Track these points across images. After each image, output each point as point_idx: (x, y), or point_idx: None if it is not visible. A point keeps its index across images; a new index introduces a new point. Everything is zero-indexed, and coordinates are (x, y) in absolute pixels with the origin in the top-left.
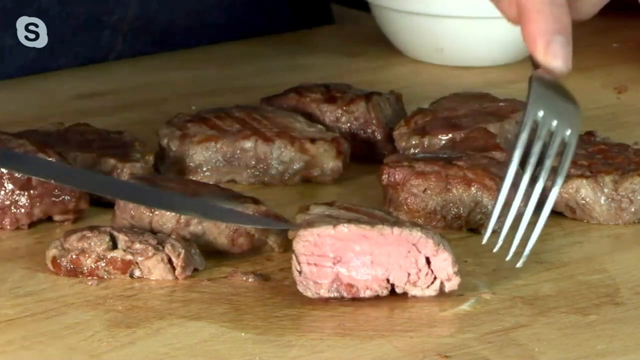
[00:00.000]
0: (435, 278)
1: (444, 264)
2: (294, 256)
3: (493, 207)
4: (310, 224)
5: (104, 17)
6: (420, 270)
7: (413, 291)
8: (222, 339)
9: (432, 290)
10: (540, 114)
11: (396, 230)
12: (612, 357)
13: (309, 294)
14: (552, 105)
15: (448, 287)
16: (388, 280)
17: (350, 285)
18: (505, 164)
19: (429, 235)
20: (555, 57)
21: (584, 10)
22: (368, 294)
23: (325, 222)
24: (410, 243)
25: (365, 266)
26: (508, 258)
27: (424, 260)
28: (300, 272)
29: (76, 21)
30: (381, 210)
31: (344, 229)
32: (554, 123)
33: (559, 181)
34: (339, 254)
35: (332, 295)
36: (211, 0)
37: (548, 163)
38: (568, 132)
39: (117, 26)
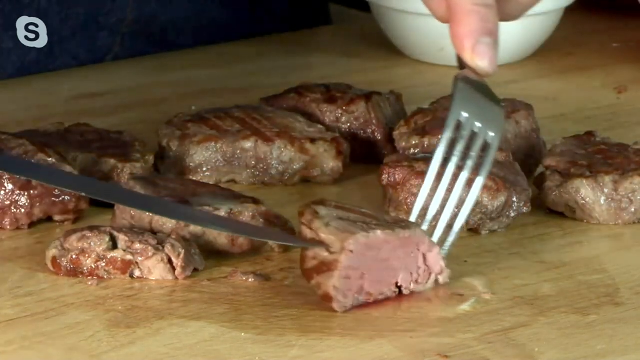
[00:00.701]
0: (430, 273)
1: (437, 257)
2: (336, 272)
3: (413, 204)
4: (348, 231)
5: (103, 18)
6: (419, 267)
7: (416, 289)
8: (222, 339)
9: (430, 285)
10: (465, 115)
11: (407, 232)
12: (612, 357)
13: (342, 309)
14: (476, 106)
15: (442, 280)
16: (396, 284)
17: (370, 294)
18: (428, 164)
19: (423, 232)
20: (482, 58)
21: (512, 12)
22: (380, 298)
23: (359, 229)
24: (414, 243)
25: (382, 272)
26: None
27: (422, 258)
28: (336, 288)
29: (76, 21)
30: (365, 208)
31: (377, 235)
32: (478, 124)
33: (481, 179)
34: (368, 264)
35: (354, 304)
36: (211, 0)
37: (469, 163)
38: (491, 134)
39: (117, 26)
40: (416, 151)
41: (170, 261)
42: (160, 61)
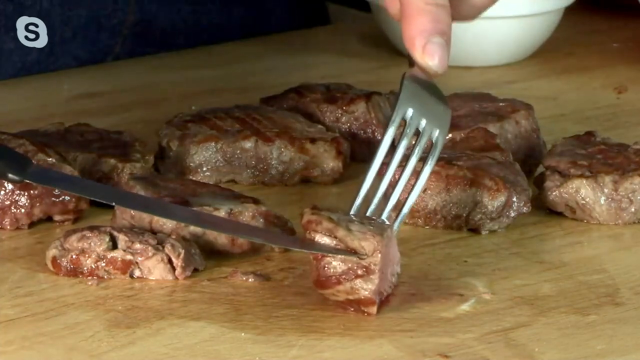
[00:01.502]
0: (395, 265)
1: (396, 249)
2: (375, 275)
3: (353, 202)
4: (370, 233)
5: (104, 18)
6: (392, 259)
7: (395, 282)
8: (222, 339)
9: (397, 278)
10: (410, 112)
11: (391, 228)
12: (612, 357)
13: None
14: (422, 104)
15: (398, 269)
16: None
17: (382, 293)
18: (370, 161)
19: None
20: (432, 57)
21: (466, 13)
22: (384, 295)
23: (377, 230)
24: (391, 236)
25: (387, 269)
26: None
27: (393, 251)
28: (376, 291)
29: (77, 22)
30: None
31: (389, 234)
32: (423, 122)
33: (423, 177)
34: (385, 263)
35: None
36: (211, 1)
37: (413, 161)
38: (436, 133)
39: (118, 27)
40: None
41: (170, 261)
42: (160, 61)
